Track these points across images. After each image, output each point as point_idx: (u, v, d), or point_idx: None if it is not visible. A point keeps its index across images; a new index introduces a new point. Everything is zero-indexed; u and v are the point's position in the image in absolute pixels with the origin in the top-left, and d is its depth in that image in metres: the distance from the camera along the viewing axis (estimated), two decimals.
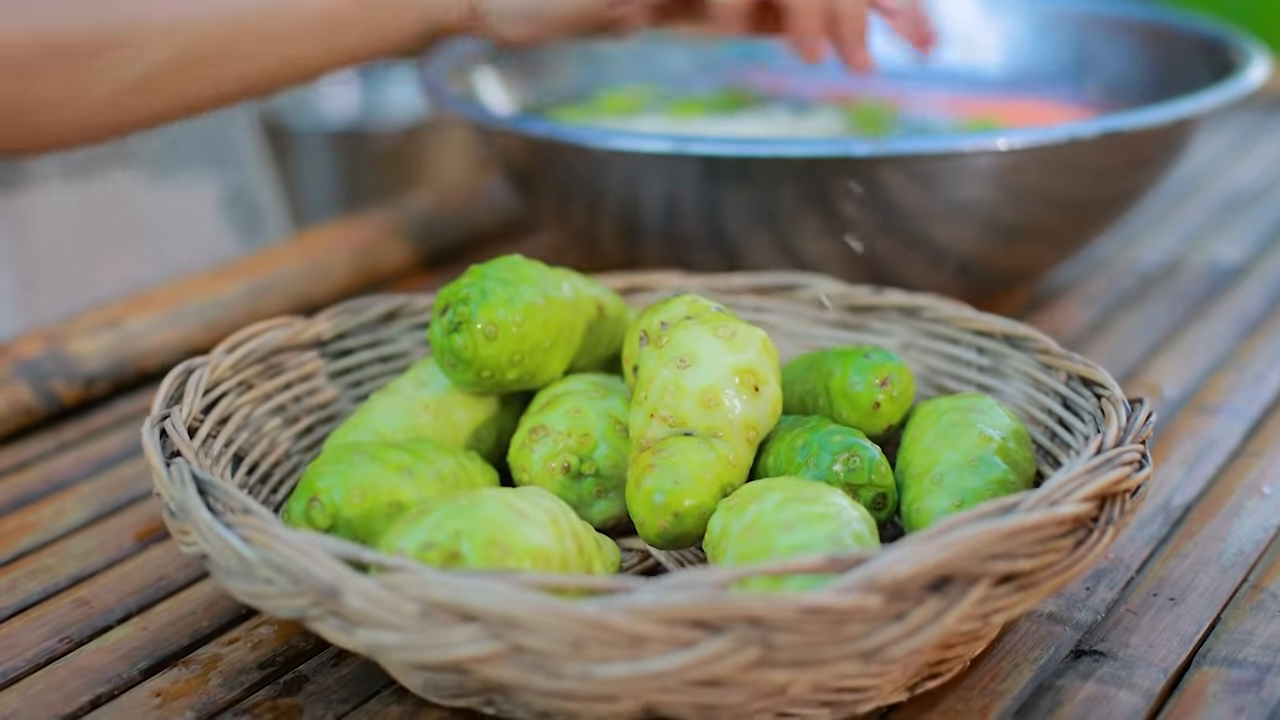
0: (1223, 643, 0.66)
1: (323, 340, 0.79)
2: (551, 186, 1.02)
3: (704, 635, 0.52)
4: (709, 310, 0.71)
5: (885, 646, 0.54)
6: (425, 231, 1.15)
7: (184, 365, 0.72)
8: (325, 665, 0.66)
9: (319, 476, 0.66)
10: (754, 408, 0.68)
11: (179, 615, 0.70)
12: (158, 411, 0.68)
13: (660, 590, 0.53)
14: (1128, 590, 0.70)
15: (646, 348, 0.70)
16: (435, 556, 0.58)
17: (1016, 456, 0.69)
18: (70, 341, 0.92)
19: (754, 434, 0.68)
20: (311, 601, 0.56)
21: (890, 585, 0.53)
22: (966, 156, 0.91)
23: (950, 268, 0.96)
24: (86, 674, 0.66)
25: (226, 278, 1.03)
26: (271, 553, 0.57)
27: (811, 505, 0.62)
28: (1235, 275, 1.08)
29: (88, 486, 0.82)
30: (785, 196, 0.92)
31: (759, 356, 0.68)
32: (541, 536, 0.60)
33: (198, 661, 0.66)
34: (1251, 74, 1.01)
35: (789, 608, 0.52)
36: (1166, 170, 1.00)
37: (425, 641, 0.54)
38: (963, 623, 0.56)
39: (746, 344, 0.68)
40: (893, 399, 0.73)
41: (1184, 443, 0.84)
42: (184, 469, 0.63)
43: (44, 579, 0.73)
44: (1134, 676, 0.63)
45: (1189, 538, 0.74)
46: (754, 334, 0.69)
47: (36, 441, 0.87)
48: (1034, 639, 0.66)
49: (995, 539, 0.55)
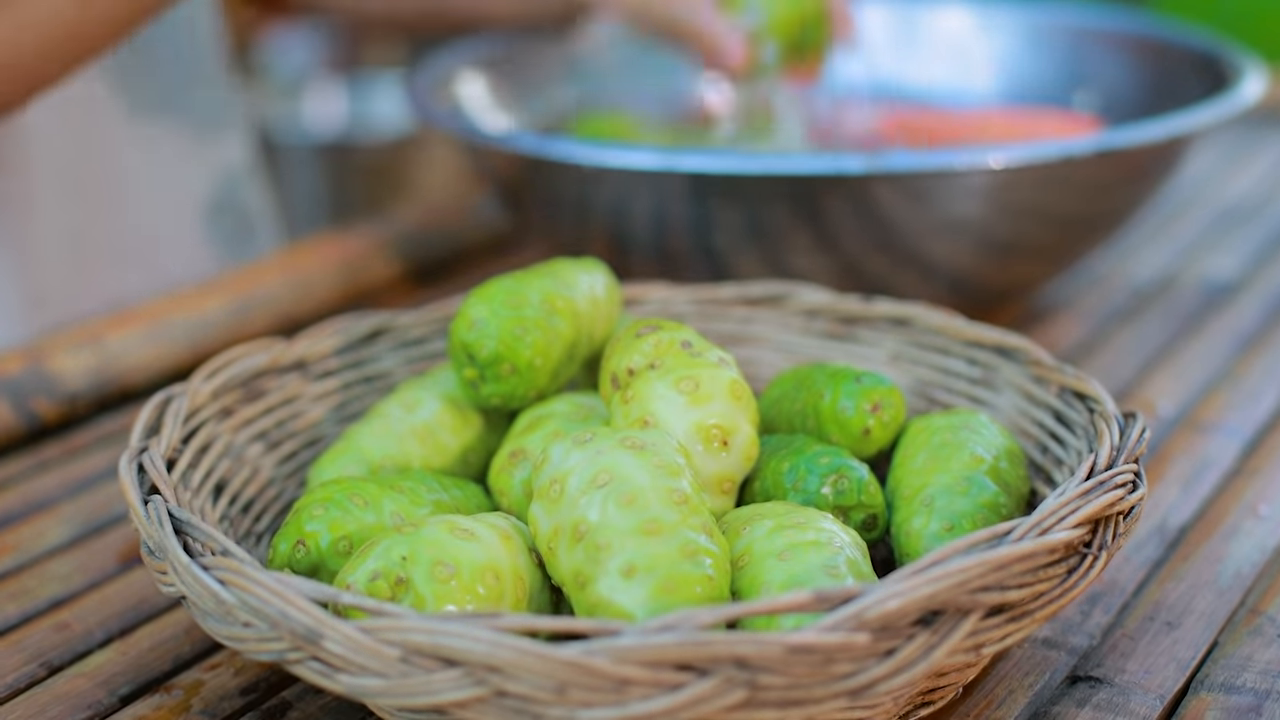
0: (1220, 668, 0.65)
1: (305, 362, 0.78)
2: (540, 201, 1.01)
3: (690, 677, 0.51)
4: (676, 349, 0.69)
5: (874, 683, 0.53)
6: (412, 246, 1.14)
7: (163, 393, 0.71)
8: (308, 692, 0.65)
9: (308, 519, 0.64)
10: (724, 461, 0.67)
11: (160, 640, 0.69)
12: (135, 444, 0.67)
13: (645, 632, 0.51)
14: (1124, 614, 0.69)
15: (616, 393, 0.69)
16: (383, 586, 0.58)
17: (1009, 477, 0.68)
18: (52, 359, 0.91)
19: (729, 484, 0.67)
20: (290, 646, 0.55)
21: (878, 622, 0.52)
22: (960, 173, 0.90)
23: (943, 283, 0.95)
24: (66, 700, 0.65)
25: (210, 294, 1.02)
26: (249, 596, 0.56)
27: (803, 533, 0.61)
28: (1230, 291, 1.07)
29: (69, 507, 0.81)
30: (776, 213, 0.91)
31: (725, 406, 0.67)
32: (488, 553, 0.59)
33: (179, 687, 0.65)
34: (1247, 88, 1.00)
35: (775, 648, 0.51)
36: (1161, 186, 0.99)
37: (406, 688, 0.53)
38: (952, 656, 0.55)
39: (711, 395, 0.67)
40: (883, 424, 0.71)
41: (1179, 462, 0.83)
42: (161, 508, 0.61)
43: (23, 601, 0.72)
44: (1130, 703, 0.62)
45: (1185, 560, 0.73)
46: (719, 380, 0.67)
47: (16, 461, 0.86)
48: (1028, 665, 0.65)
49: (985, 570, 0.54)
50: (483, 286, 0.74)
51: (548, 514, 0.61)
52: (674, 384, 0.67)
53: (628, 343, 0.69)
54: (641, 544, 0.58)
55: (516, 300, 0.72)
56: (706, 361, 0.68)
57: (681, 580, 0.57)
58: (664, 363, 0.68)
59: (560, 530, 0.60)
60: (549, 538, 0.60)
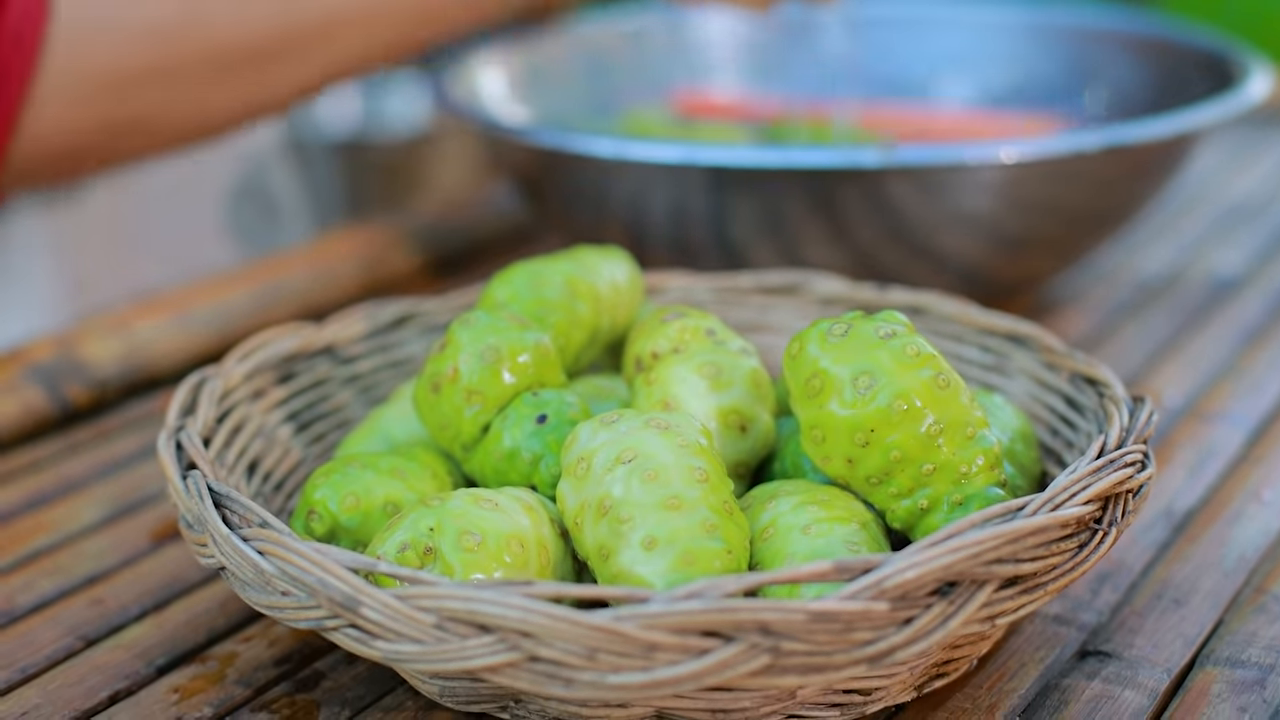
0: (1225, 644, 0.67)
1: (334, 347, 0.80)
2: (558, 194, 1.03)
3: (716, 643, 0.53)
4: (700, 335, 0.71)
5: (893, 650, 0.55)
6: (431, 238, 1.16)
7: (197, 374, 0.72)
8: (341, 663, 0.66)
9: (314, 489, 0.67)
10: (741, 446, 0.69)
11: (194, 614, 0.71)
12: (173, 422, 0.69)
13: (672, 600, 0.53)
14: (1132, 593, 0.71)
15: (639, 375, 0.71)
16: (411, 557, 0.60)
17: (1022, 458, 0.70)
18: (83, 346, 0.93)
19: (744, 469, 0.69)
20: (328, 614, 0.57)
21: (897, 591, 0.54)
22: (972, 168, 0.92)
23: (955, 276, 0.97)
24: (104, 671, 0.67)
25: (235, 283, 1.04)
26: (289, 565, 0.58)
27: (827, 509, 0.63)
28: (1235, 286, 1.09)
29: (101, 488, 0.83)
30: (792, 205, 0.93)
31: (745, 393, 0.69)
32: (514, 522, 0.61)
33: (214, 658, 0.67)
34: (1253, 87, 1.02)
35: (798, 615, 0.53)
36: (1168, 182, 1.01)
37: (441, 654, 0.54)
38: (968, 625, 0.57)
39: (732, 381, 0.69)
40: None
41: (1185, 449, 0.85)
42: (200, 482, 0.63)
43: (59, 578, 0.74)
44: (1139, 676, 0.64)
45: (1191, 542, 0.75)
46: (740, 368, 0.69)
47: (49, 444, 0.88)
48: (1040, 640, 0.67)
49: (1000, 543, 0.56)
50: (506, 270, 0.76)
51: (574, 490, 0.62)
52: (696, 369, 0.69)
53: (653, 327, 0.71)
54: (663, 518, 0.60)
55: (539, 283, 0.74)
56: (729, 349, 0.70)
57: (700, 554, 0.59)
58: (688, 348, 0.70)
59: (586, 505, 0.62)
60: (575, 513, 0.62)
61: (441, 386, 0.68)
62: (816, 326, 0.64)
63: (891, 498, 0.63)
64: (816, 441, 0.63)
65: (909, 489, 0.63)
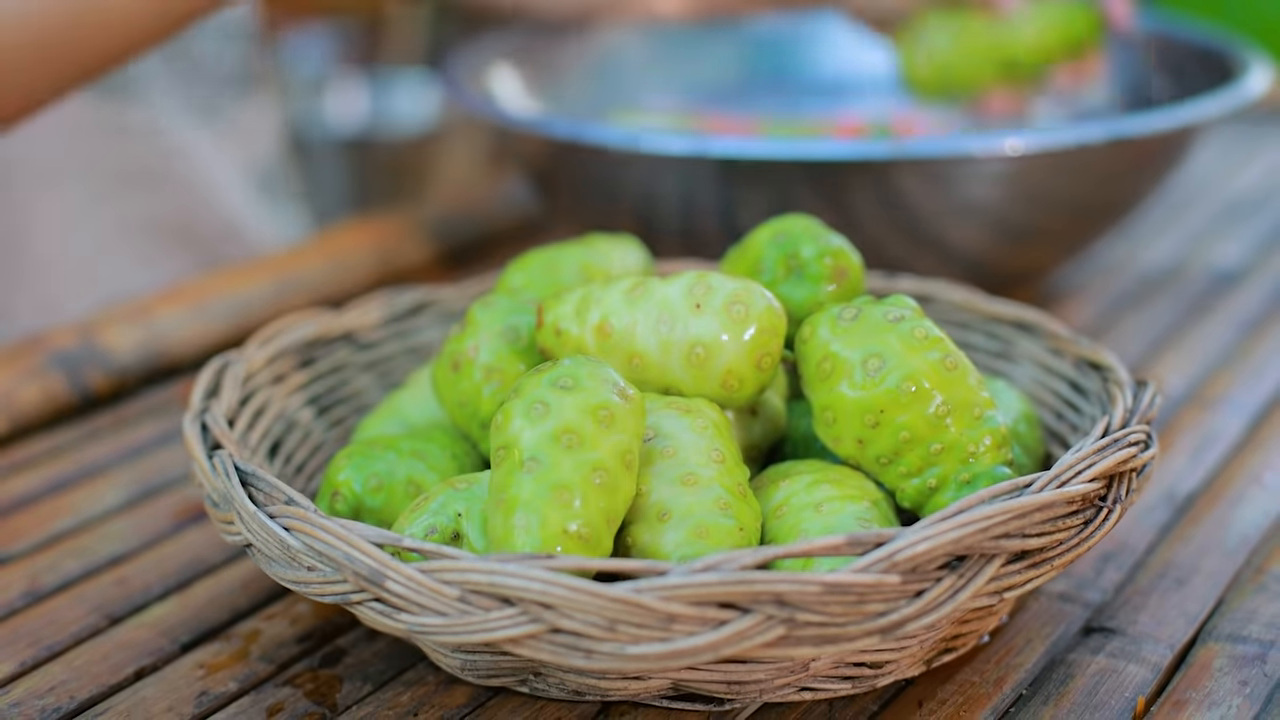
0: (1227, 620, 0.68)
1: (352, 333, 0.81)
2: (569, 185, 1.04)
3: (733, 615, 0.54)
4: None
5: (904, 622, 0.56)
6: (444, 229, 1.17)
7: (220, 358, 0.74)
8: (362, 639, 0.68)
9: (338, 471, 0.68)
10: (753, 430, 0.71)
11: (217, 593, 0.72)
12: (197, 404, 0.70)
13: (690, 572, 0.55)
14: (1135, 572, 0.72)
15: None
16: (440, 540, 0.62)
17: (1027, 439, 0.71)
18: (103, 334, 0.95)
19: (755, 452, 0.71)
20: (354, 588, 0.58)
21: (908, 563, 0.56)
22: (978, 160, 0.93)
23: (960, 266, 0.99)
24: (129, 648, 0.68)
25: (252, 274, 1.06)
26: (315, 541, 0.59)
27: (839, 487, 0.64)
28: (1235, 278, 1.11)
29: (122, 472, 0.85)
30: (800, 196, 0.95)
31: None
32: None
33: (238, 636, 0.69)
34: (1253, 82, 1.03)
35: (813, 587, 0.54)
36: (1169, 175, 1.03)
37: (465, 626, 0.56)
38: (977, 599, 0.58)
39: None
40: None
41: (1187, 434, 0.86)
42: (227, 460, 0.65)
43: (84, 558, 0.76)
44: (1142, 651, 0.66)
45: (1194, 524, 0.77)
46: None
47: (70, 430, 0.90)
48: (1046, 616, 0.68)
49: (1007, 518, 0.58)
50: (521, 257, 0.77)
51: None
52: None
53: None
54: (679, 493, 0.61)
55: (554, 269, 0.76)
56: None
57: (713, 529, 0.60)
58: None
59: None
60: None
61: (461, 365, 0.70)
62: (827, 311, 0.66)
63: (901, 477, 0.65)
64: (828, 423, 0.65)
65: (918, 468, 0.64)
